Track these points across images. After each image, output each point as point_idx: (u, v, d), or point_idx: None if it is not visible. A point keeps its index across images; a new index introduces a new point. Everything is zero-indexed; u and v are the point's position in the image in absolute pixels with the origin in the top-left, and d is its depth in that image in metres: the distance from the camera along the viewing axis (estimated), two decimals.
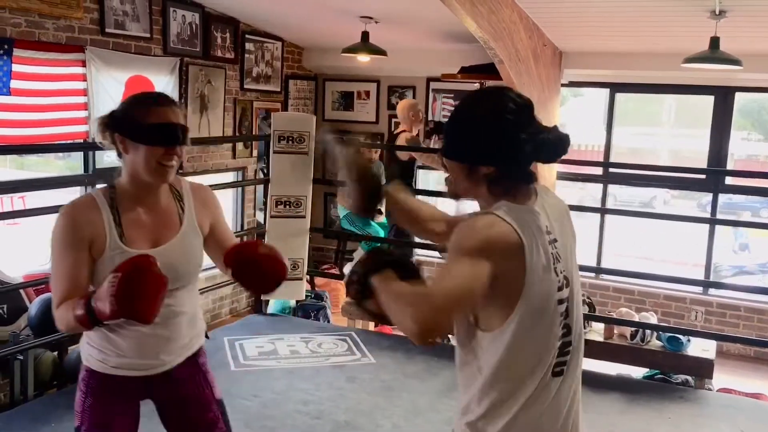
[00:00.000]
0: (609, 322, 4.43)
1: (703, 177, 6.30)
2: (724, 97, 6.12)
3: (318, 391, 3.65)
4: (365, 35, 5.56)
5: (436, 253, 6.84)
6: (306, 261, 4.74)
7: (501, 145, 1.51)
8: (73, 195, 4.86)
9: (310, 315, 5.56)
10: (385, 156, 6.81)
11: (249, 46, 6.30)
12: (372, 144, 7.08)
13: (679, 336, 4.21)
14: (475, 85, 6.55)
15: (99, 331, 1.88)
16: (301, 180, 4.62)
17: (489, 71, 5.61)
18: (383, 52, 5.63)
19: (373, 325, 5.16)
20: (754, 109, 7.34)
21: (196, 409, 2.06)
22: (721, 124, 6.15)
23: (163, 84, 5.33)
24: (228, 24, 5.99)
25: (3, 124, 4.22)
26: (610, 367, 4.33)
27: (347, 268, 1.60)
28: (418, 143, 5.81)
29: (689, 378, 4.34)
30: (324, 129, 1.80)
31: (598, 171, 6.23)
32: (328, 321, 5.65)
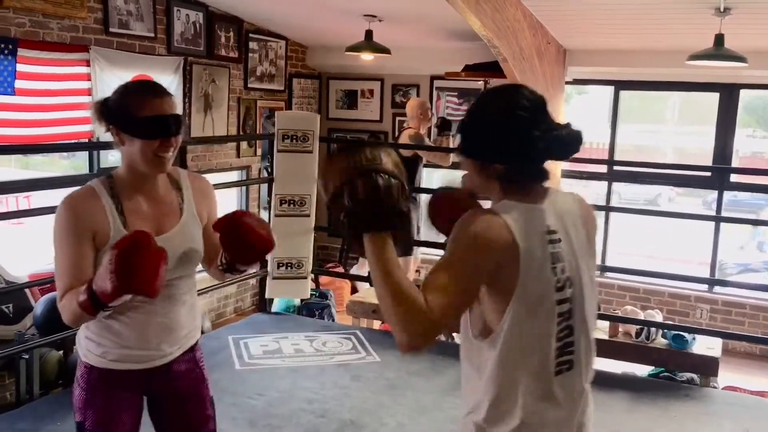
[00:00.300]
0: (614, 320, 4.42)
1: (708, 174, 6.28)
2: (728, 94, 6.10)
3: (323, 389, 3.65)
4: (369, 34, 5.56)
5: (439, 251, 6.84)
6: (310, 259, 4.74)
7: (513, 143, 1.51)
8: None
9: (315, 313, 5.56)
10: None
11: (253, 45, 6.30)
12: (376, 143, 7.09)
13: (684, 334, 4.20)
14: (479, 83, 6.56)
15: (99, 320, 1.87)
16: (306, 179, 4.62)
17: (493, 69, 5.61)
18: (387, 51, 5.62)
19: (377, 324, 5.16)
20: (759, 106, 7.31)
21: (192, 404, 2.06)
22: (726, 121, 6.13)
23: (167, 83, 5.33)
24: (232, 23, 6.00)
25: (7, 124, 4.23)
26: (615, 365, 4.32)
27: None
28: (421, 141, 5.80)
29: (694, 376, 4.33)
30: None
31: (603, 169, 6.21)
32: (333, 319, 5.65)
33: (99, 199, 1.85)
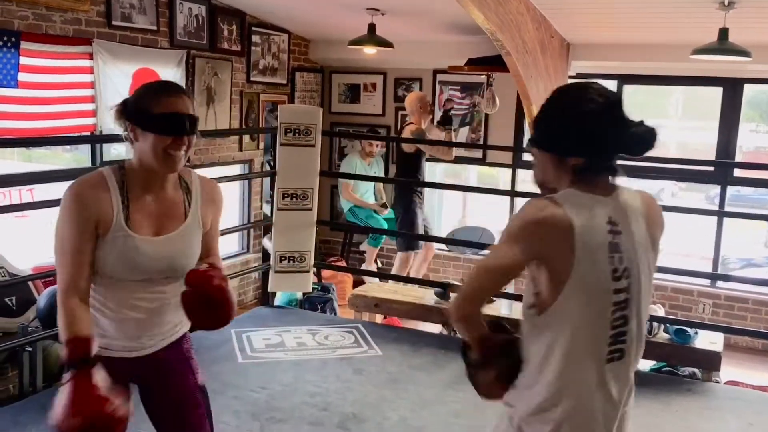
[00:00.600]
0: None
1: (711, 169, 6.27)
2: (732, 88, 6.08)
3: (325, 383, 3.66)
4: (372, 27, 5.55)
5: (450, 246, 6.85)
6: (312, 253, 4.74)
7: (593, 138, 1.57)
8: None
9: (317, 307, 5.57)
10: (394, 149, 6.84)
11: (255, 38, 6.29)
12: (379, 137, 7.08)
13: (687, 328, 4.20)
14: (482, 77, 6.55)
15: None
16: (308, 172, 4.62)
17: (496, 63, 5.59)
18: (390, 44, 5.61)
19: (379, 318, 5.17)
20: (763, 100, 7.28)
21: (177, 392, 2.08)
22: (730, 115, 6.12)
23: (170, 76, 5.32)
24: (234, 16, 5.98)
25: (10, 117, 4.23)
26: None
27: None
28: (423, 135, 5.80)
29: (696, 371, 4.33)
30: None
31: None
32: (335, 313, 5.66)
33: (107, 188, 1.85)
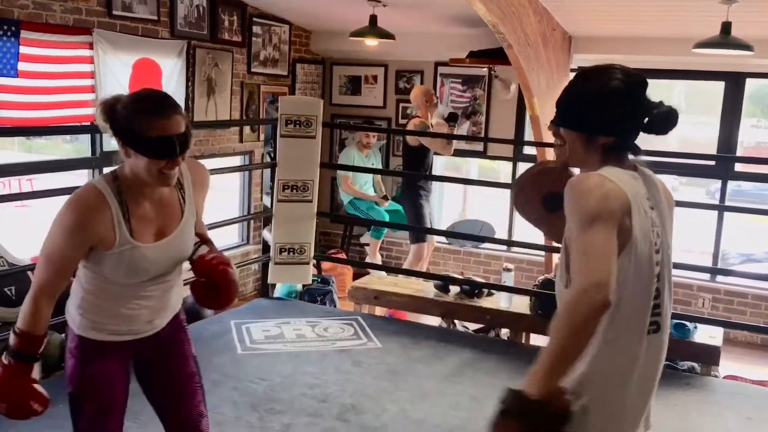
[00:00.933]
0: None
1: (712, 163, 6.26)
2: (734, 82, 6.07)
3: (324, 374, 3.66)
4: (373, 19, 5.53)
5: (450, 239, 6.85)
6: (312, 245, 4.74)
7: (622, 117, 1.62)
8: (81, 178, 4.87)
9: (317, 299, 5.57)
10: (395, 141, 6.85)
11: (256, 29, 6.27)
12: (379, 129, 7.07)
13: (686, 323, 4.20)
14: (484, 70, 6.53)
15: (91, 301, 1.99)
16: (308, 164, 4.61)
17: (497, 56, 5.58)
18: (391, 36, 5.59)
19: (379, 310, 5.16)
20: (765, 95, 7.26)
21: (176, 363, 2.16)
22: (732, 110, 6.10)
23: (171, 67, 5.31)
24: (235, 7, 5.96)
25: (10, 106, 4.22)
26: None
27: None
28: (426, 128, 5.80)
29: (695, 365, 4.33)
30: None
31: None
32: (335, 305, 5.66)
33: (107, 206, 1.86)
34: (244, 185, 6.48)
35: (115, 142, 1.89)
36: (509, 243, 6.49)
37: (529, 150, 6.53)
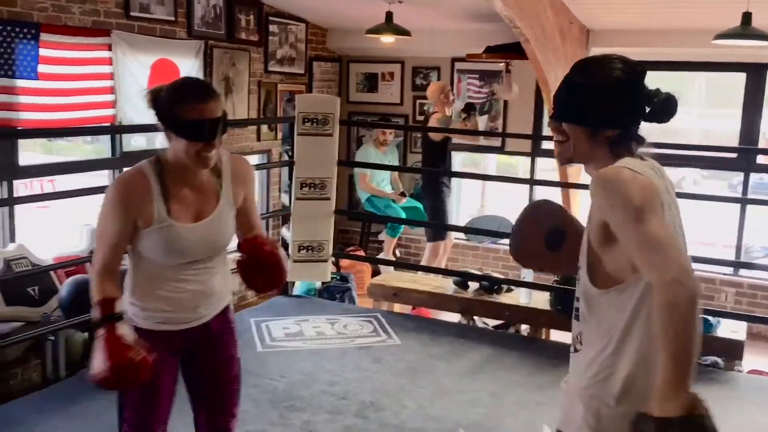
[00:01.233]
0: None
1: (734, 156, 6.18)
2: (756, 74, 5.98)
3: (344, 372, 3.67)
4: (389, 16, 5.51)
5: (469, 235, 6.83)
6: (331, 243, 4.75)
7: (627, 108, 1.57)
8: (101, 178, 4.92)
9: (336, 297, 5.58)
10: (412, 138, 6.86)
11: (273, 28, 6.28)
12: (396, 126, 7.07)
13: (709, 317, 4.15)
14: (501, 65, 6.50)
15: (143, 286, 2.09)
16: (326, 162, 4.62)
17: (515, 50, 5.55)
18: (407, 33, 5.58)
19: (398, 307, 5.16)
20: None
21: (222, 364, 2.23)
22: (753, 102, 6.02)
23: (188, 67, 5.34)
24: (252, 6, 5.98)
25: (31, 108, 4.27)
26: None
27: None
28: (449, 123, 5.81)
29: (719, 360, 4.29)
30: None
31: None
32: (354, 302, 5.66)
33: (148, 182, 2.00)
34: (262, 184, 6.51)
35: (158, 123, 2.02)
36: None
37: (547, 145, 6.49)
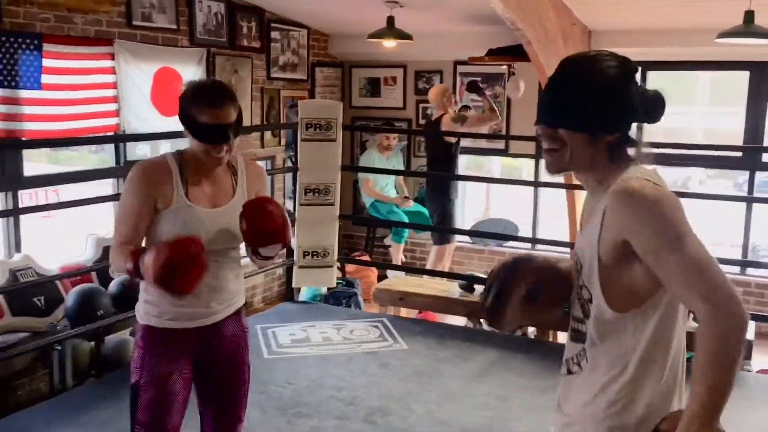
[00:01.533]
0: None
1: (739, 155, 6.16)
2: (759, 72, 5.96)
3: (351, 377, 3.66)
4: (391, 20, 5.52)
5: (474, 238, 6.82)
6: (336, 248, 4.75)
7: (626, 109, 1.46)
8: (106, 187, 4.92)
9: (342, 302, 5.57)
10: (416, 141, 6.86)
11: (275, 34, 6.30)
12: (399, 130, 7.06)
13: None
14: (503, 68, 6.50)
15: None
16: (330, 167, 4.62)
17: (517, 53, 5.55)
18: (409, 37, 5.59)
19: (404, 311, 5.15)
20: None
21: (232, 368, 2.26)
22: (758, 100, 6.00)
23: (191, 75, 5.35)
24: (253, 13, 6.00)
25: (35, 119, 4.28)
26: None
27: None
28: (464, 119, 5.80)
29: None
30: None
31: (631, 152, 6.12)
32: (360, 308, 5.66)
33: (169, 167, 2.13)
34: (267, 190, 6.51)
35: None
36: (533, 241, 6.44)
37: None
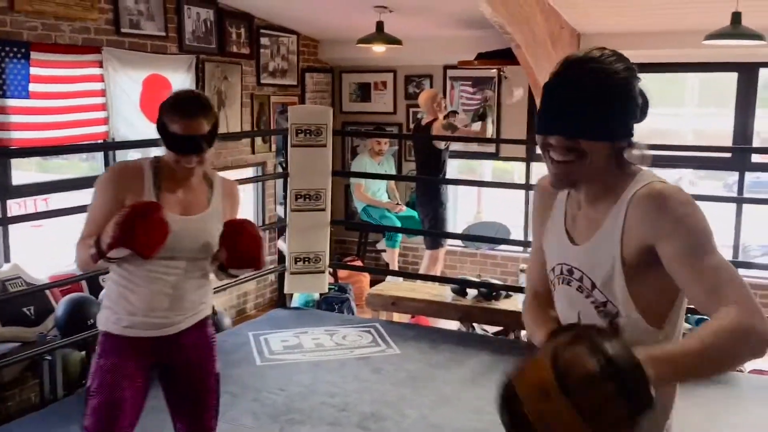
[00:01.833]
0: None
1: (729, 156, 6.19)
2: (747, 73, 6.00)
3: (344, 383, 3.65)
4: (380, 25, 5.53)
5: (466, 242, 6.82)
6: (327, 254, 4.74)
7: (635, 111, 1.39)
8: None
9: (334, 307, 5.56)
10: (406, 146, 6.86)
11: (264, 40, 6.29)
12: (390, 135, 7.07)
13: (708, 317, 4.14)
14: (493, 72, 6.51)
15: (115, 289, 2.13)
16: (320, 173, 4.62)
17: (506, 56, 5.56)
18: (398, 42, 5.59)
19: (397, 316, 5.15)
20: None
21: (196, 375, 2.23)
22: (746, 101, 6.03)
23: (180, 82, 5.34)
24: (242, 19, 5.99)
25: (24, 128, 4.25)
26: None
27: None
28: (455, 128, 5.81)
29: None
30: None
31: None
32: (352, 313, 5.64)
33: (142, 171, 2.13)
34: (257, 196, 6.49)
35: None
36: (525, 244, 6.43)
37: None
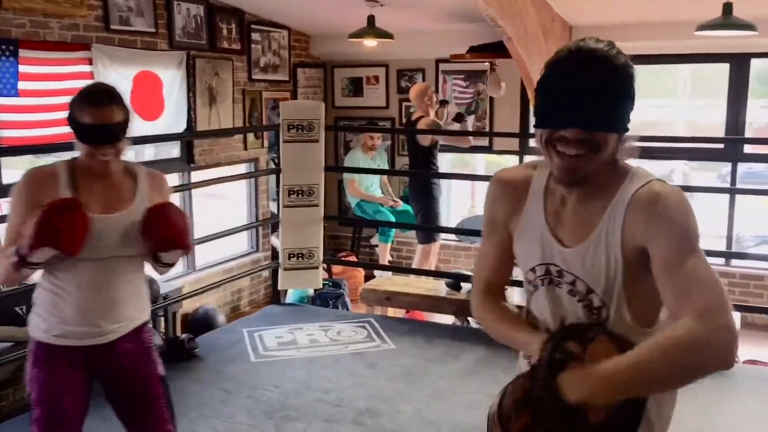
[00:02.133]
0: None
1: (721, 146, 6.20)
2: (739, 63, 6.00)
3: (338, 379, 3.64)
4: (371, 19, 5.50)
5: (460, 236, 6.81)
6: (321, 249, 4.72)
7: (634, 104, 1.39)
8: None
9: (329, 303, 5.55)
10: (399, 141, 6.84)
11: (255, 36, 6.26)
12: (383, 129, 7.05)
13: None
14: (485, 65, 6.49)
15: (45, 296, 2.06)
16: (313, 168, 4.60)
17: (498, 49, 5.55)
18: (390, 36, 5.57)
19: (391, 311, 5.14)
20: None
21: (137, 383, 2.16)
22: (738, 92, 6.03)
23: (171, 78, 5.31)
24: (233, 15, 5.95)
25: (13, 126, 4.23)
26: None
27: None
28: (439, 126, 5.79)
29: None
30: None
31: None
32: (347, 308, 5.64)
33: (56, 175, 2.05)
34: (250, 193, 6.47)
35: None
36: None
37: (534, 142, 6.49)
